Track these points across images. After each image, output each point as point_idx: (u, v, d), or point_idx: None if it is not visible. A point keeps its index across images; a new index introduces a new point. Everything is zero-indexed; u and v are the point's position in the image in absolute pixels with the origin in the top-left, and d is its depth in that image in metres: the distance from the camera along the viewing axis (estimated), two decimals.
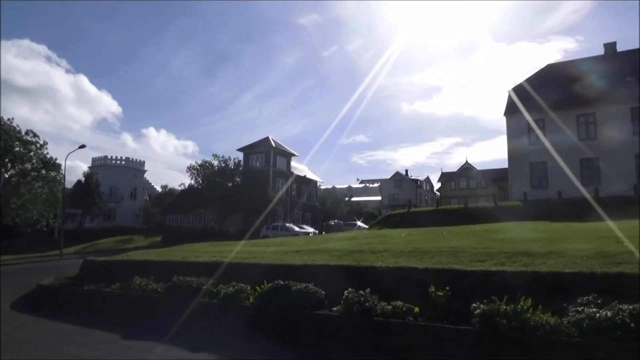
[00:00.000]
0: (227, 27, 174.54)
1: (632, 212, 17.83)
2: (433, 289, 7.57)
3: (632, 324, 5.55)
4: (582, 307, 6.19)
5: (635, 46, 37.44)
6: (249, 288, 9.82)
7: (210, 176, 49.64)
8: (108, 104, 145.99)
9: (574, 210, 21.17)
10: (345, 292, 8.16)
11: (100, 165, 68.68)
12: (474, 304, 6.75)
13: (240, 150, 57.86)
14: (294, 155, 60.44)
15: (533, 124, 33.56)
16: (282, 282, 9.09)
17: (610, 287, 6.67)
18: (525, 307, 6.44)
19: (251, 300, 9.42)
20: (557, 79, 34.49)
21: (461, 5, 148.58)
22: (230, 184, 50.62)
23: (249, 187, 48.18)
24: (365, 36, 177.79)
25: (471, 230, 15.43)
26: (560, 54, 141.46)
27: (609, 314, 5.77)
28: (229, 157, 51.79)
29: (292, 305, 8.56)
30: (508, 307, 6.43)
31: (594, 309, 6.00)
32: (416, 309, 7.38)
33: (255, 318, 9.01)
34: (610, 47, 37.22)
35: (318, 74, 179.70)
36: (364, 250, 11.80)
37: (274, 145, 56.35)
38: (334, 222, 54.67)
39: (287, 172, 58.38)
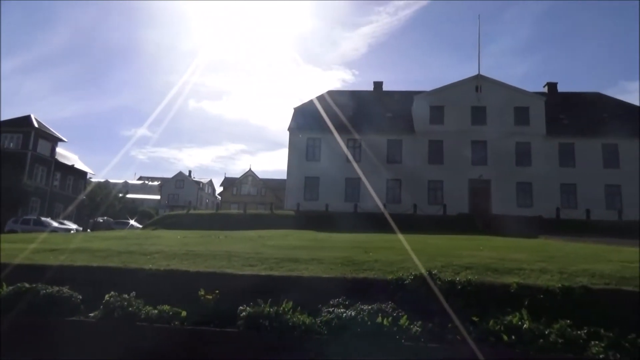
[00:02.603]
0: None
1: (379, 226, 21.13)
2: (202, 293, 7.56)
3: (369, 322, 6.52)
4: (333, 308, 7.02)
5: (396, 88, 45.00)
6: None
7: None
8: None
9: (338, 222, 24.00)
10: (107, 296, 7.48)
11: None
12: (240, 307, 6.99)
13: None
14: (61, 140, 52.90)
15: (341, 137, 36.82)
16: (27, 285, 7.80)
17: (358, 290, 7.74)
18: (286, 309, 6.97)
19: None
20: (335, 104, 38.62)
21: (261, 16, 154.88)
22: None
23: None
24: (162, 28, 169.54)
25: (247, 236, 15.97)
26: (340, 83, 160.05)
27: (352, 313, 6.69)
28: None
29: (39, 311, 7.42)
30: (271, 310, 6.85)
31: (342, 310, 6.88)
32: (183, 313, 7.24)
33: None
34: (378, 85, 43.76)
35: (101, 55, 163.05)
36: (133, 251, 11.05)
37: (36, 125, 48.27)
38: (103, 220, 49.83)
39: (51, 159, 50.82)
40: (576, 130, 35.92)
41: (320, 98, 40.93)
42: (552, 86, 42.07)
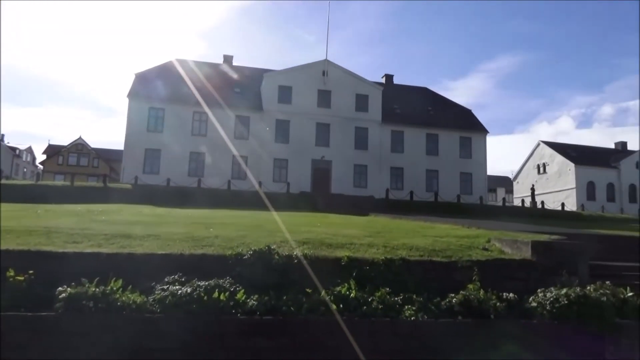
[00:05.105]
0: None
1: (223, 202, 20.93)
2: (12, 273, 6.61)
3: (206, 297, 6.43)
4: (167, 286, 6.74)
5: (247, 64, 44.33)
6: None
7: None
8: None
9: (180, 197, 23.05)
10: None
11: None
12: (60, 288, 6.30)
13: None
14: None
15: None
16: None
17: (195, 267, 7.56)
18: (115, 288, 6.47)
19: None
20: (182, 73, 36.60)
21: None
22: None
23: None
24: None
25: (73, 210, 14.43)
26: (188, 53, 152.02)
27: (188, 290, 6.51)
28: None
29: None
30: (97, 289, 6.30)
31: (177, 287, 6.64)
32: None
33: None
34: (228, 58, 42.69)
35: None
36: None
37: None
38: None
39: None
40: (406, 119, 40.00)
41: (166, 66, 38.48)
42: (389, 77, 46.02)
